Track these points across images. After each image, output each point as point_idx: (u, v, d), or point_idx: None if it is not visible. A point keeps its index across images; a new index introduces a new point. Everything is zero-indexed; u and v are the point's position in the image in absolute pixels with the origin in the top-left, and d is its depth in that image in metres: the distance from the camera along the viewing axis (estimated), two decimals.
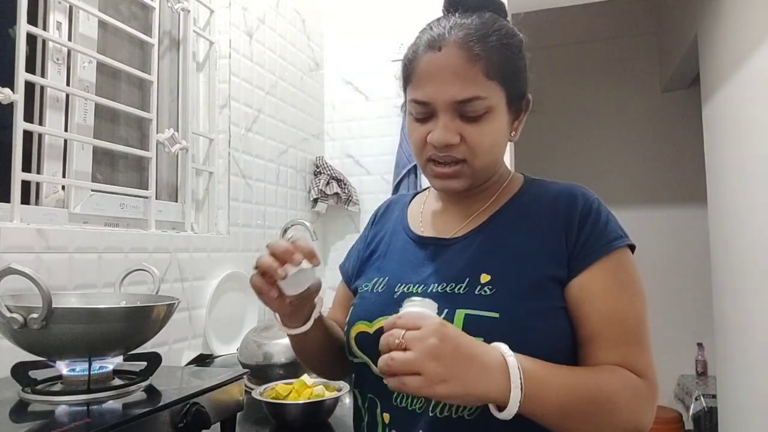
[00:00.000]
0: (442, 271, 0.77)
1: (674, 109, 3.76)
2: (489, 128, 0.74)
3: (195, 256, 1.56)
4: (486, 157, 0.76)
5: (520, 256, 0.74)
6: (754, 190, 2.02)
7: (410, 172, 2.28)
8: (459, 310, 0.71)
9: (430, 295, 0.74)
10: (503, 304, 0.70)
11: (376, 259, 0.88)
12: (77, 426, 0.66)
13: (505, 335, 0.67)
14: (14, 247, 1.04)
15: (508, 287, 0.72)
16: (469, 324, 0.69)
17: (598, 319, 0.71)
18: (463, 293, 0.73)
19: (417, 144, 0.79)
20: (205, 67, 1.80)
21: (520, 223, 0.78)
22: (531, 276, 0.72)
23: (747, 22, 2.05)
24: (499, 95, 0.75)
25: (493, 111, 0.74)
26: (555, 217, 0.76)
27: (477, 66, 0.72)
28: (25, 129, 1.14)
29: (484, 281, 0.73)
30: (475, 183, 0.79)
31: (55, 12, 1.28)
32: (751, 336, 2.06)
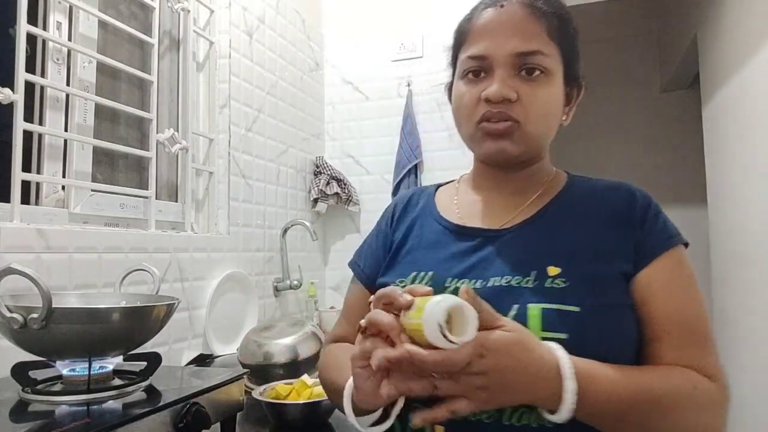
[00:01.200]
0: (498, 263, 0.71)
1: (674, 109, 3.76)
2: (545, 92, 0.72)
3: (195, 256, 1.56)
4: (539, 123, 0.72)
5: (586, 250, 0.70)
6: (754, 190, 2.02)
7: (410, 172, 2.28)
8: (532, 304, 0.66)
9: (492, 289, 0.69)
10: (581, 297, 0.66)
11: (407, 252, 0.81)
12: (77, 426, 0.66)
13: (586, 329, 0.64)
14: (14, 247, 1.04)
15: (582, 280, 0.67)
16: (549, 319, 0.64)
17: (664, 317, 0.68)
18: (533, 287, 0.67)
19: (469, 105, 0.74)
20: (205, 67, 1.80)
21: (575, 217, 0.74)
22: (601, 270, 0.69)
23: (747, 22, 2.05)
24: (558, 61, 0.73)
25: (551, 75, 0.72)
26: (614, 212, 0.73)
27: (540, 23, 0.71)
28: (25, 129, 1.14)
29: (552, 274, 0.68)
30: (525, 152, 0.74)
31: (55, 12, 1.28)
32: (752, 336, 2.06)
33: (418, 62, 2.36)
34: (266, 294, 1.95)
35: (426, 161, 2.32)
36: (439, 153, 2.31)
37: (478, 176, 0.84)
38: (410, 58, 2.37)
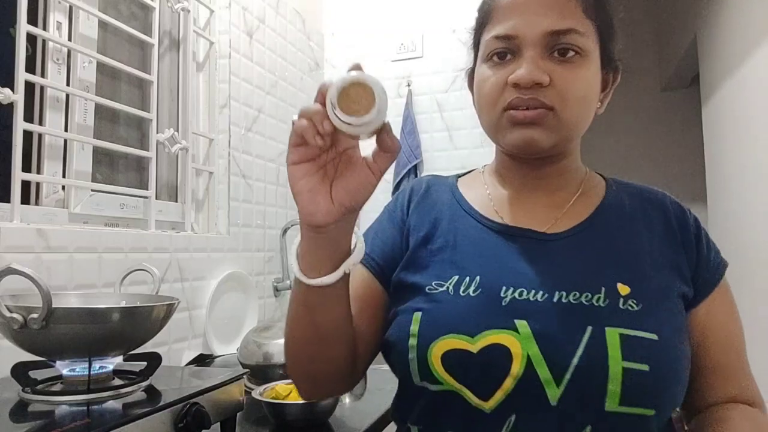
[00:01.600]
0: (561, 274, 0.62)
1: (674, 108, 3.76)
2: (582, 74, 0.63)
3: (195, 256, 1.56)
4: (575, 110, 0.63)
5: (649, 265, 0.64)
6: (754, 189, 2.02)
7: (410, 172, 2.28)
8: (609, 328, 0.57)
9: (560, 306, 0.59)
10: (657, 323, 0.59)
11: (439, 249, 0.68)
12: (77, 426, 0.66)
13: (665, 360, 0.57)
14: (14, 247, 1.04)
15: (654, 302, 0.60)
16: (629, 347, 0.56)
17: (720, 349, 0.66)
18: (605, 306, 0.59)
19: (494, 90, 0.65)
20: (205, 67, 1.80)
21: (630, 225, 0.67)
22: (667, 291, 0.63)
23: (747, 22, 2.05)
24: (595, 41, 0.65)
25: (587, 56, 0.63)
26: (668, 226, 0.68)
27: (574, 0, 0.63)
28: (25, 129, 1.14)
29: (623, 293, 0.60)
30: (559, 143, 0.65)
31: (55, 12, 1.28)
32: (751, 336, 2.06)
33: (418, 62, 2.36)
34: (266, 294, 1.95)
35: (426, 161, 2.32)
36: (439, 153, 2.31)
37: (505, 170, 0.74)
38: (410, 58, 2.37)
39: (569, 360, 0.56)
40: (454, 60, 2.30)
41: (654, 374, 0.56)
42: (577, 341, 0.56)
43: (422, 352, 0.60)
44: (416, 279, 0.67)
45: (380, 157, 0.53)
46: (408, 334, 0.62)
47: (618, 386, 0.55)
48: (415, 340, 0.61)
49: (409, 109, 2.32)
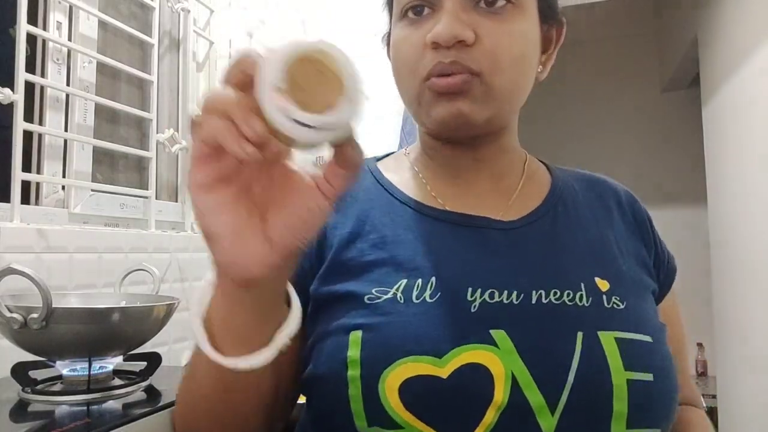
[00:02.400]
0: (530, 269, 0.51)
1: (674, 109, 3.76)
2: (516, 28, 0.52)
3: (195, 256, 1.56)
4: (510, 73, 0.52)
5: (621, 258, 0.56)
6: (754, 190, 2.02)
7: None
8: (603, 332, 0.47)
9: (538, 308, 0.48)
10: (644, 323, 0.51)
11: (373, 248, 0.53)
12: (77, 426, 0.66)
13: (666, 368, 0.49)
14: (14, 247, 1.04)
15: (634, 299, 0.52)
16: (630, 354, 0.46)
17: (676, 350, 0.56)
18: (590, 306, 0.49)
19: (411, 54, 0.53)
20: (205, 67, 1.80)
21: (590, 213, 0.59)
22: (641, 285, 0.56)
23: (747, 22, 2.05)
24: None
25: (521, 6, 0.52)
26: (624, 216, 0.61)
27: None
28: (25, 129, 1.14)
29: (603, 289, 0.51)
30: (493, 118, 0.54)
31: (55, 12, 1.28)
32: (751, 336, 2.06)
33: None
34: None
35: None
36: None
37: (433, 152, 0.61)
38: None
39: (564, 377, 0.44)
40: None
41: (660, 384, 0.47)
42: (570, 352, 0.45)
43: (369, 385, 0.44)
44: (347, 287, 0.50)
45: (337, 175, 0.36)
46: (345, 364, 0.45)
47: (624, 405, 0.44)
48: (356, 371, 0.45)
49: None
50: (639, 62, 3.85)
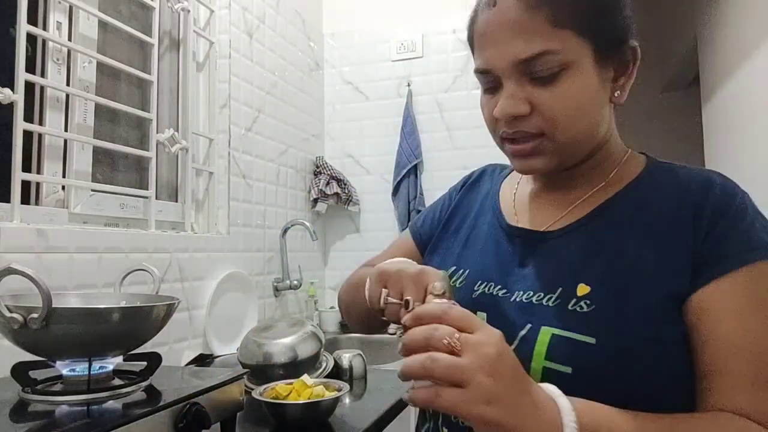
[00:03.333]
0: (530, 274, 0.63)
1: (674, 109, 3.76)
2: (568, 90, 0.59)
3: (195, 256, 1.56)
4: (572, 128, 0.60)
5: (632, 264, 0.58)
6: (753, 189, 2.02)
7: (410, 172, 2.29)
8: (545, 327, 0.57)
9: (513, 304, 0.62)
10: (602, 327, 0.55)
11: (455, 241, 0.74)
12: (77, 426, 0.66)
13: (599, 367, 0.54)
14: (14, 247, 1.04)
15: (612, 305, 0.56)
16: (557, 348, 0.56)
17: (721, 348, 0.54)
18: (553, 306, 0.59)
19: (488, 122, 0.66)
20: (205, 67, 1.80)
21: (636, 219, 0.62)
22: (644, 292, 0.56)
23: (747, 22, 2.05)
24: (578, 46, 0.59)
25: (571, 68, 0.59)
26: (680, 212, 0.59)
27: (540, 14, 0.58)
28: (25, 129, 1.14)
29: (581, 294, 0.58)
30: (566, 160, 0.64)
31: (55, 12, 1.28)
32: None
33: (418, 62, 2.36)
34: (266, 294, 1.95)
35: (426, 161, 2.32)
36: (439, 153, 2.31)
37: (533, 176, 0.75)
38: (410, 58, 2.37)
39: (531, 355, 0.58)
40: (454, 60, 2.30)
41: (576, 377, 0.54)
42: (515, 336, 0.59)
43: None
44: (432, 261, 0.76)
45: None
46: None
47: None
48: None
49: (409, 109, 2.33)
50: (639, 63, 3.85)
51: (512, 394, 0.47)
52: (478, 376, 0.46)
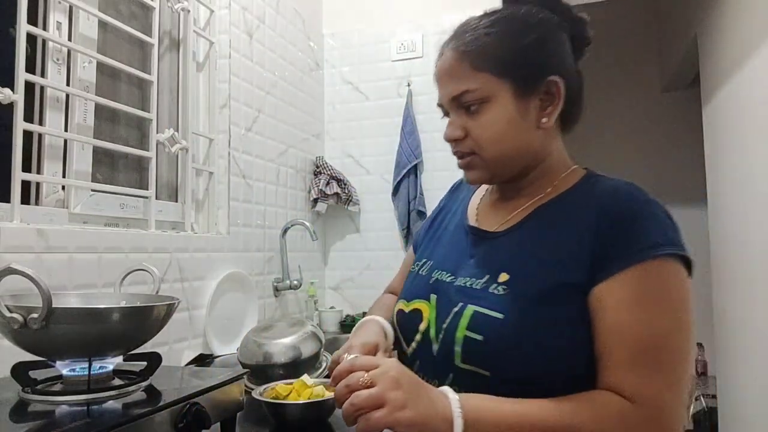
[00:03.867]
0: (472, 264, 0.79)
1: (674, 109, 3.76)
2: (488, 119, 0.75)
3: (195, 256, 1.56)
4: (494, 147, 0.76)
5: (542, 257, 0.72)
6: (754, 189, 2.02)
7: (410, 172, 2.29)
8: (470, 305, 0.73)
9: (454, 287, 0.78)
10: (509, 306, 0.70)
11: (431, 237, 0.92)
12: (77, 426, 0.66)
13: (505, 338, 0.68)
14: (14, 247, 1.04)
15: (521, 289, 0.71)
16: (475, 321, 0.71)
17: (608, 335, 0.66)
18: (480, 289, 0.74)
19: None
20: (205, 67, 1.80)
21: (559, 222, 0.75)
22: (546, 280, 0.70)
23: (747, 22, 2.05)
24: (497, 84, 0.75)
25: (491, 101, 0.75)
26: (589, 217, 0.71)
27: (465, 62, 0.76)
28: (25, 129, 1.14)
29: (501, 280, 0.73)
30: (499, 173, 0.80)
31: (55, 12, 1.28)
32: (751, 336, 2.06)
33: (418, 62, 2.36)
34: (266, 294, 1.95)
35: (426, 161, 2.32)
36: (439, 153, 2.31)
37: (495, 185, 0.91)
38: (410, 58, 2.37)
39: (442, 325, 0.75)
40: None
41: (487, 344, 0.70)
42: (450, 313, 0.75)
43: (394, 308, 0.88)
44: (417, 254, 0.93)
45: None
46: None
47: (460, 349, 0.72)
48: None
49: (409, 109, 2.33)
50: (639, 62, 3.85)
51: (415, 397, 0.63)
52: (389, 394, 0.61)
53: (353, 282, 2.41)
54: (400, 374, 0.64)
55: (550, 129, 0.78)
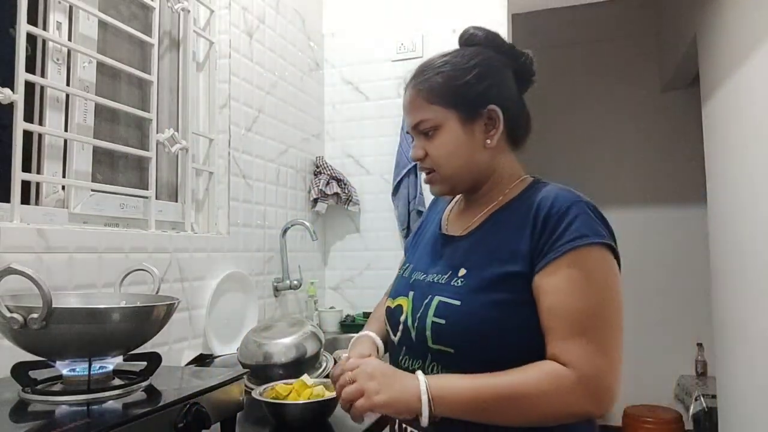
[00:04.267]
0: (440, 263, 0.93)
1: (674, 108, 3.76)
2: (440, 142, 0.91)
3: (195, 256, 1.56)
4: (448, 164, 0.91)
5: (491, 254, 0.86)
6: (753, 189, 2.02)
7: (410, 172, 2.28)
8: (437, 296, 0.87)
9: (426, 282, 0.92)
10: (465, 294, 0.84)
11: (414, 244, 1.06)
12: (77, 426, 0.66)
13: (463, 320, 0.83)
14: (14, 247, 1.04)
15: (474, 280, 0.85)
16: (439, 308, 0.86)
17: (547, 314, 0.79)
18: (443, 283, 0.88)
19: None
20: (205, 67, 1.80)
21: (506, 223, 0.88)
22: (493, 271, 0.84)
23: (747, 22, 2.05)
24: (445, 114, 0.90)
25: (442, 128, 0.90)
26: (527, 218, 0.85)
27: (421, 96, 0.92)
28: (25, 129, 1.14)
29: (460, 275, 0.87)
30: (456, 186, 0.95)
31: (55, 12, 1.28)
32: (751, 336, 2.06)
33: (418, 62, 2.35)
34: (266, 294, 1.95)
35: None
36: None
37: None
38: (410, 58, 2.37)
39: (416, 315, 0.89)
40: None
41: (448, 326, 0.84)
42: (423, 305, 0.88)
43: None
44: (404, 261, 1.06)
45: None
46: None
47: (430, 333, 0.86)
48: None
49: None
50: (639, 62, 3.85)
51: (388, 384, 0.80)
52: (366, 384, 0.80)
53: (353, 282, 2.41)
54: (374, 369, 0.82)
55: (495, 148, 0.91)
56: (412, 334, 0.89)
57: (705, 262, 2.67)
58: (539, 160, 3.78)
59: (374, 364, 0.83)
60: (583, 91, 3.94)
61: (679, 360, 3.62)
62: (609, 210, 3.90)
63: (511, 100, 0.93)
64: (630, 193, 3.78)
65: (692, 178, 3.55)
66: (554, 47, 3.92)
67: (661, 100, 3.81)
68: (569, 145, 3.92)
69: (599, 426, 0.87)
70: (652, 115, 3.82)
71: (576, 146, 3.91)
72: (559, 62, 3.94)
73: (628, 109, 3.87)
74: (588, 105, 3.94)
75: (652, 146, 3.78)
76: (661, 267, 3.67)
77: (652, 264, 3.66)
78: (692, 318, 3.60)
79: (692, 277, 3.58)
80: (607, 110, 3.90)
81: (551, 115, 3.91)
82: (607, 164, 3.85)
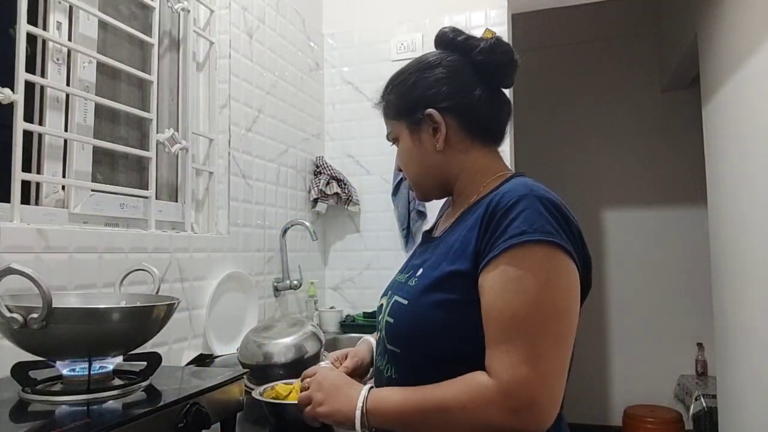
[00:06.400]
0: (412, 264, 0.94)
1: (674, 109, 3.76)
2: (399, 152, 0.98)
3: (195, 256, 1.56)
4: (409, 172, 0.97)
5: (446, 253, 0.84)
6: (754, 190, 2.02)
7: None
8: (395, 296, 0.89)
9: (398, 283, 0.93)
10: (414, 294, 0.84)
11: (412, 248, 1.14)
12: (77, 426, 0.66)
13: (407, 319, 0.84)
14: (14, 247, 1.04)
15: (425, 280, 0.84)
16: (392, 308, 0.88)
17: (483, 317, 0.76)
18: (404, 283, 0.90)
19: None
20: (205, 67, 1.80)
21: (469, 222, 0.84)
22: (442, 270, 0.82)
23: (747, 22, 2.05)
24: (399, 126, 0.96)
25: (399, 138, 0.97)
26: (479, 215, 0.82)
27: (383, 112, 1.00)
28: (25, 129, 1.14)
29: (418, 274, 0.87)
30: (425, 191, 0.97)
31: (55, 12, 1.28)
32: (752, 336, 2.06)
33: None
34: (266, 294, 1.95)
35: None
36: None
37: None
38: (410, 58, 2.36)
39: (382, 315, 0.91)
40: None
41: (396, 325, 0.85)
42: (389, 304, 0.89)
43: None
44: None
45: None
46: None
47: (384, 332, 0.88)
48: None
49: None
50: (639, 62, 3.85)
51: (332, 395, 0.85)
52: (314, 393, 0.87)
53: (353, 282, 2.41)
54: (325, 379, 0.88)
55: (454, 149, 0.91)
56: (381, 333, 0.91)
57: (705, 262, 2.67)
58: (538, 161, 3.79)
59: (327, 375, 0.88)
60: (583, 91, 3.94)
61: (679, 360, 3.62)
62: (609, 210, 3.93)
63: (463, 97, 0.89)
64: (630, 193, 3.78)
65: (692, 179, 3.55)
66: (554, 47, 3.92)
67: (661, 101, 3.80)
68: (568, 145, 3.92)
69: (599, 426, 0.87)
70: (652, 116, 3.82)
71: (575, 147, 3.91)
72: (559, 62, 3.94)
73: (628, 110, 3.87)
74: (588, 105, 3.94)
75: (652, 147, 3.78)
76: (662, 267, 3.67)
77: (652, 264, 3.66)
78: (692, 318, 3.60)
79: (692, 277, 3.58)
80: (607, 111, 3.90)
81: (551, 115, 3.91)
82: (607, 164, 3.85)
